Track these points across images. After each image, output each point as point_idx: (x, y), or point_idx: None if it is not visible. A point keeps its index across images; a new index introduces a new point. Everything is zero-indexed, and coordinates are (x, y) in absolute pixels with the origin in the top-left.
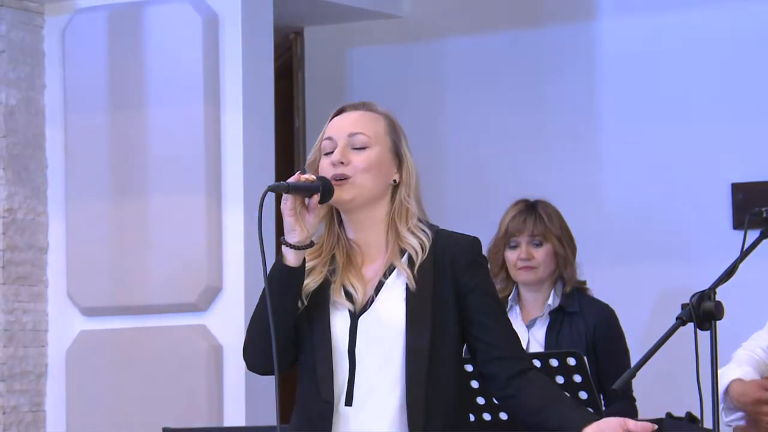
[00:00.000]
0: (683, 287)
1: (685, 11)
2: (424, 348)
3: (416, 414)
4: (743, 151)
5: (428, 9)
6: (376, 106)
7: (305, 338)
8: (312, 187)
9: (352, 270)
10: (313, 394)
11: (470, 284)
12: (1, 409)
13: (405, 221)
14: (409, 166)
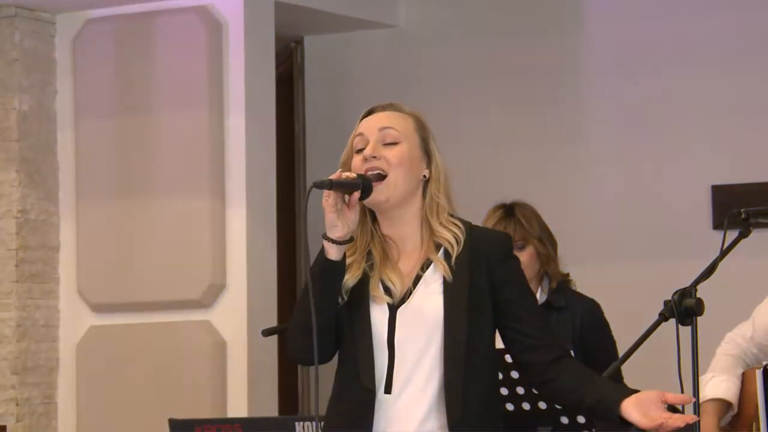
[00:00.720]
0: (665, 285)
1: (667, 22)
2: (461, 337)
3: (454, 401)
4: (722, 154)
5: (423, 19)
6: (403, 106)
7: (345, 331)
8: (353, 185)
9: (389, 265)
10: (354, 383)
11: (504, 277)
12: (15, 400)
13: (437, 216)
14: (438, 163)
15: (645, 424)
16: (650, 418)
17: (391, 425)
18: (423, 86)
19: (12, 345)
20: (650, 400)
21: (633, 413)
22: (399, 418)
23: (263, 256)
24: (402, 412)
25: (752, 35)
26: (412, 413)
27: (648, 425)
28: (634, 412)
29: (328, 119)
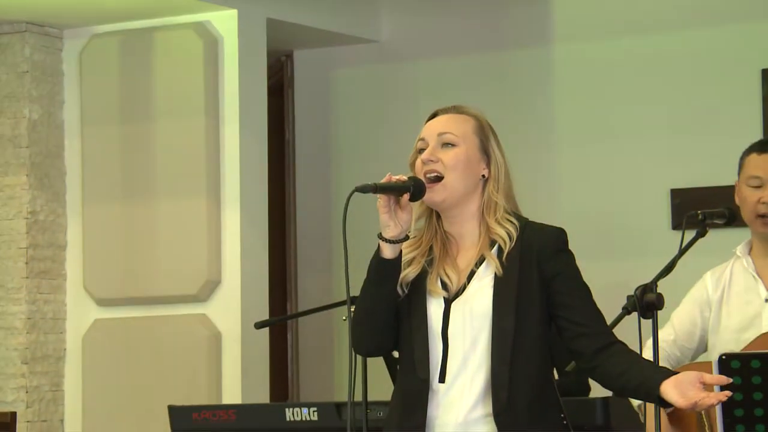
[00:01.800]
0: (627, 281)
1: (630, 38)
2: (508, 330)
3: (500, 391)
4: (680, 161)
5: (403, 35)
6: (466, 108)
7: (404, 323)
8: (401, 187)
9: (447, 260)
10: (411, 374)
11: (555, 270)
12: (25, 388)
13: (493, 213)
14: (497, 163)
15: (682, 403)
16: (687, 398)
17: (443, 413)
18: (402, 97)
19: (22, 336)
20: (689, 382)
21: (672, 394)
22: (450, 405)
23: (256, 254)
24: (453, 401)
25: (706, 50)
26: (462, 401)
27: (684, 405)
28: (672, 392)
29: (315, 127)
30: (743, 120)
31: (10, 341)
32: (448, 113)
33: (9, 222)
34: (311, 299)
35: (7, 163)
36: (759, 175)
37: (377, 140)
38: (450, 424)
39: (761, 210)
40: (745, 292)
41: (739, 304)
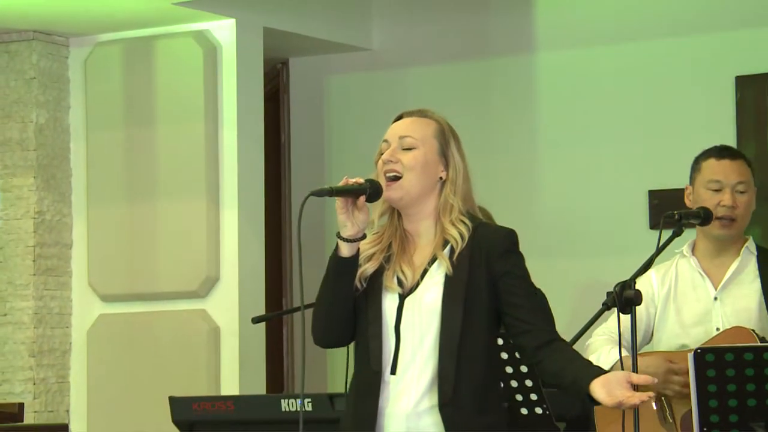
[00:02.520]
0: (607, 278)
1: (610, 47)
2: (456, 326)
3: (445, 384)
4: (658, 163)
5: (394, 43)
6: (430, 112)
7: (361, 317)
8: (357, 190)
9: (404, 257)
10: (365, 365)
11: (503, 269)
12: (32, 380)
13: (448, 214)
14: (456, 167)
15: (608, 402)
16: (613, 396)
17: (393, 403)
18: (393, 102)
19: (30, 331)
20: (617, 381)
21: (599, 392)
22: (400, 396)
23: (253, 252)
24: (403, 391)
25: (683, 58)
26: (411, 393)
27: (610, 403)
28: (600, 391)
29: (310, 131)
30: (718, 125)
31: (18, 335)
32: (412, 116)
33: (17, 221)
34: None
35: (15, 165)
36: (719, 179)
37: (369, 143)
38: (399, 413)
39: (721, 213)
40: (692, 290)
41: (687, 301)
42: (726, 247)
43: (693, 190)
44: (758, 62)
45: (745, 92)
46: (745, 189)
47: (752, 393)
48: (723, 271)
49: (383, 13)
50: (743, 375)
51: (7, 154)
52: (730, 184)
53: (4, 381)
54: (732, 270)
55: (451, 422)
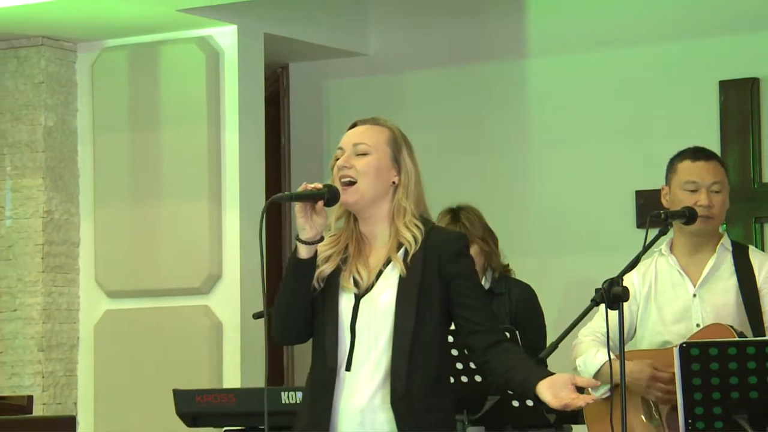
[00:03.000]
0: (595, 276)
1: (599, 52)
2: (408, 326)
3: (397, 381)
4: (644, 164)
5: (390, 49)
6: (383, 120)
7: (318, 315)
8: (316, 195)
9: (360, 259)
10: (322, 362)
11: (455, 272)
12: (41, 373)
13: (402, 217)
14: (407, 172)
15: (554, 403)
16: (559, 398)
17: (347, 398)
18: (389, 105)
19: (39, 326)
20: (562, 383)
21: (546, 394)
22: (354, 391)
23: (254, 251)
24: (357, 387)
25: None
26: (365, 388)
27: (556, 405)
28: (546, 393)
29: (309, 134)
30: (703, 127)
31: (28, 330)
32: (365, 124)
33: (26, 221)
34: None
35: (25, 167)
36: (695, 180)
37: None
38: (352, 409)
39: (698, 212)
40: (672, 287)
41: (667, 299)
42: (702, 244)
43: (669, 190)
44: (741, 67)
45: (728, 96)
46: (719, 189)
47: (735, 386)
48: (701, 268)
49: (380, 20)
50: (726, 369)
51: (17, 155)
52: (705, 184)
53: (14, 374)
54: (709, 267)
55: (402, 418)
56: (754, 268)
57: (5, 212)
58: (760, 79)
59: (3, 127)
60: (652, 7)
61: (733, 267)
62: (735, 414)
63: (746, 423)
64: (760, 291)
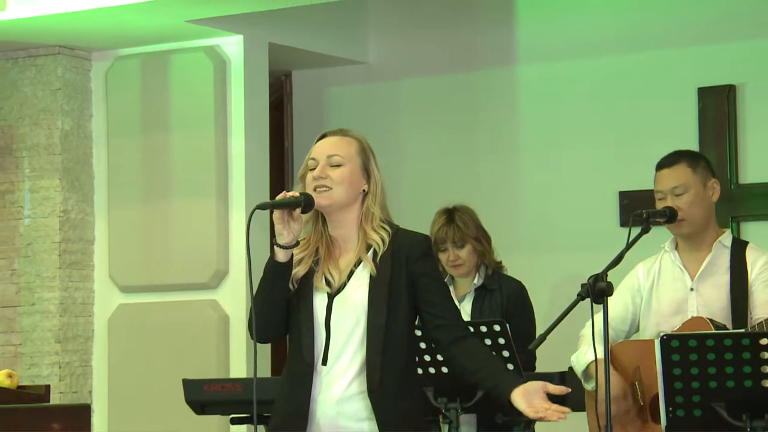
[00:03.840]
0: (581, 272)
1: (584, 60)
2: (381, 322)
3: (372, 372)
4: (628, 166)
5: (388, 57)
6: (351, 131)
7: (294, 314)
8: (294, 202)
9: (331, 261)
10: (299, 357)
11: (420, 271)
12: (58, 364)
13: (370, 222)
14: (375, 180)
15: (529, 413)
16: (533, 407)
17: (324, 390)
18: (387, 110)
19: (56, 319)
20: (534, 391)
21: (520, 403)
22: (331, 383)
23: (259, 248)
24: (333, 379)
25: (651, 70)
26: (341, 380)
27: (531, 414)
28: (521, 401)
29: (311, 138)
30: (682, 131)
31: (45, 323)
32: (335, 136)
33: (44, 219)
34: None
35: (43, 169)
36: (660, 189)
37: None
38: (330, 399)
39: None
40: (673, 281)
41: (668, 292)
42: (698, 242)
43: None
44: (718, 75)
45: (706, 102)
46: (682, 191)
47: (713, 376)
48: (698, 264)
49: (378, 30)
50: (705, 359)
51: (35, 158)
52: (667, 191)
53: (33, 365)
54: (705, 263)
55: (378, 406)
56: (748, 265)
57: (24, 212)
58: (737, 86)
59: (22, 131)
60: (634, 18)
61: (729, 264)
62: (713, 402)
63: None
64: (751, 287)
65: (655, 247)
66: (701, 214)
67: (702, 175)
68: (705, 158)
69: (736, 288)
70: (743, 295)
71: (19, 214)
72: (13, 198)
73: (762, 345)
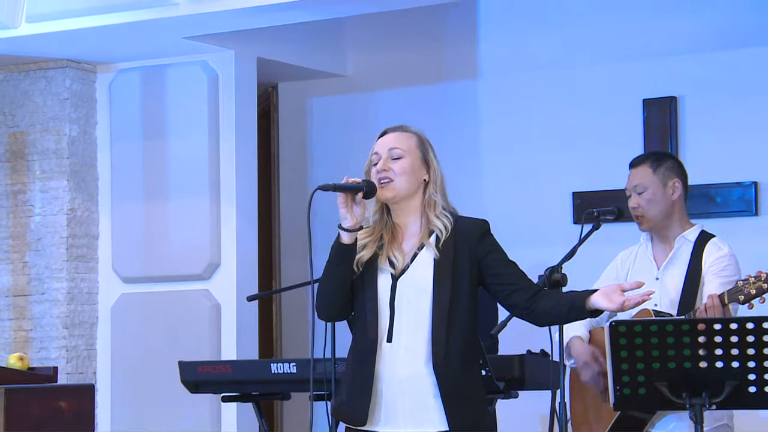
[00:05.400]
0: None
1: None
2: (445, 302)
3: (439, 346)
4: (581, 169)
5: (365, 71)
6: (409, 127)
7: (359, 294)
8: (356, 187)
9: (395, 245)
10: (364, 334)
11: (485, 250)
12: (65, 347)
13: (433, 209)
14: (435, 170)
15: (612, 307)
16: (615, 302)
17: (389, 366)
18: (363, 118)
19: (63, 307)
20: (612, 291)
21: (601, 302)
22: (396, 359)
23: (248, 242)
24: (399, 356)
25: (600, 82)
26: (406, 356)
27: (615, 308)
28: (602, 300)
29: (295, 143)
30: (629, 138)
31: (54, 311)
32: (395, 131)
33: (53, 217)
34: (292, 277)
35: (52, 171)
36: (627, 188)
37: (344, 152)
38: (394, 375)
39: (632, 214)
40: (643, 271)
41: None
42: (663, 236)
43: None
44: (662, 87)
45: (650, 112)
46: (642, 189)
47: (656, 358)
48: (665, 256)
49: (355, 46)
50: (649, 343)
51: (45, 161)
52: (630, 189)
53: (42, 348)
54: (670, 255)
55: (442, 379)
56: (704, 259)
57: (35, 210)
58: (677, 97)
59: (33, 137)
60: (586, 35)
61: (689, 257)
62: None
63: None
64: (703, 278)
65: (605, 243)
66: (658, 211)
67: (662, 176)
68: (673, 159)
69: (689, 279)
70: (694, 285)
71: (30, 212)
72: (24, 197)
73: (699, 330)
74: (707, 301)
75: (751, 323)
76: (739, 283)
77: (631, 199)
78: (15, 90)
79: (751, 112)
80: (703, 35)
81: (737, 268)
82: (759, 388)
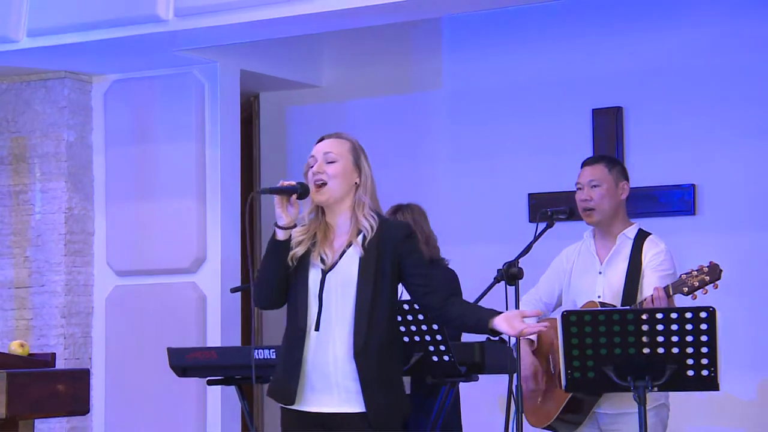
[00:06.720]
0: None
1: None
2: (367, 296)
3: (359, 338)
4: (536, 172)
5: (339, 82)
6: (344, 134)
7: (292, 287)
8: (290, 189)
9: (326, 243)
10: (295, 323)
11: (406, 251)
12: (63, 335)
13: (361, 210)
14: (365, 174)
15: (511, 332)
16: (515, 328)
17: (317, 352)
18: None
19: (62, 298)
20: (513, 316)
21: (502, 325)
22: (322, 347)
23: (231, 239)
24: (324, 343)
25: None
26: (331, 344)
27: (513, 333)
28: (503, 324)
29: (275, 148)
30: (580, 144)
31: (53, 301)
32: (331, 138)
33: (52, 215)
34: None
35: (51, 173)
36: (579, 182)
37: None
38: (321, 361)
39: (581, 206)
40: (586, 265)
41: (582, 274)
42: (607, 232)
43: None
44: (609, 98)
45: (599, 121)
46: (596, 184)
47: (604, 344)
48: (608, 251)
49: (331, 59)
50: (598, 331)
51: (45, 164)
52: (585, 183)
53: (42, 336)
54: (612, 251)
55: (362, 367)
56: (643, 254)
57: (35, 209)
58: (623, 107)
59: (34, 141)
60: (538, 52)
61: (630, 252)
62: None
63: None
64: (643, 272)
65: (558, 239)
66: (609, 206)
67: (615, 176)
68: (622, 165)
69: (630, 273)
70: (635, 279)
71: (31, 211)
72: (26, 197)
73: (643, 319)
74: (654, 293)
75: (690, 313)
76: (682, 276)
77: (582, 192)
78: (17, 98)
79: (690, 121)
80: (646, 52)
81: (673, 263)
82: (696, 371)
